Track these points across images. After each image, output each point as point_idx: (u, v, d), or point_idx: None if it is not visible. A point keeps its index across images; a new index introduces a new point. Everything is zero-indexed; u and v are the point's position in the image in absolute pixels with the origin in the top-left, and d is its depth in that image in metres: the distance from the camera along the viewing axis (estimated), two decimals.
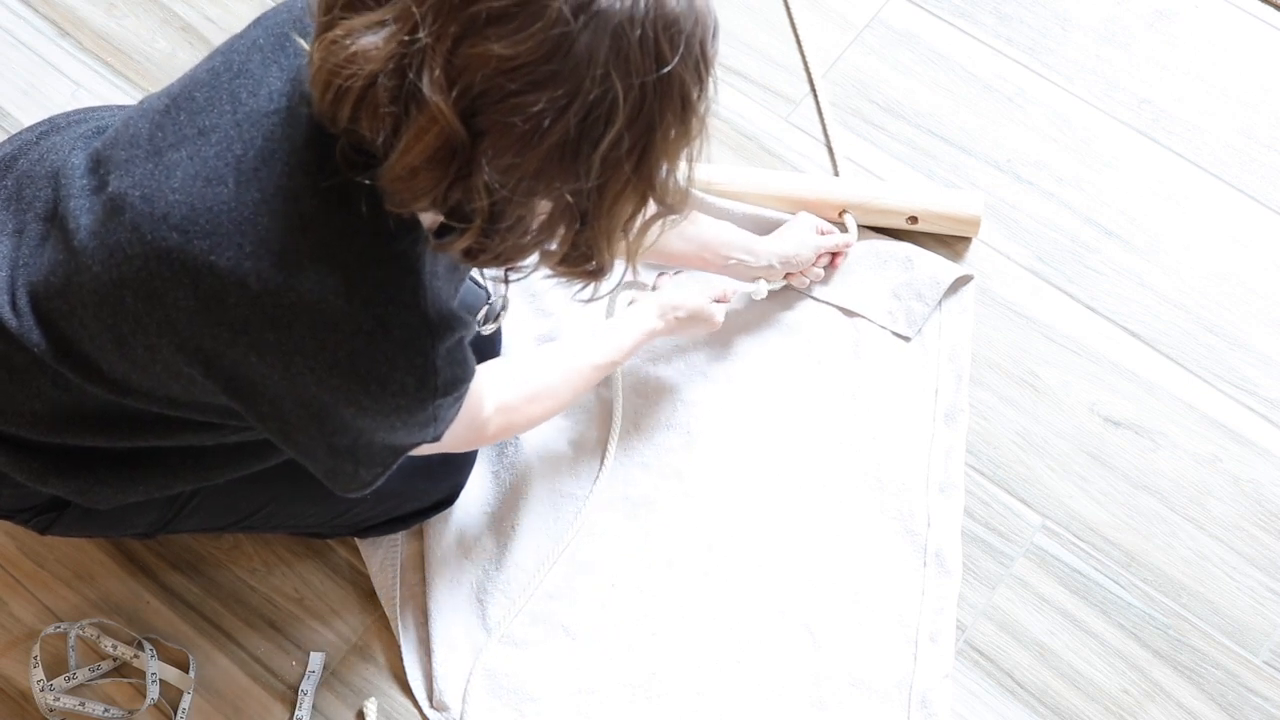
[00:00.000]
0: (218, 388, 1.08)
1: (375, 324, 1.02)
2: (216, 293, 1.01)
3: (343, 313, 1.01)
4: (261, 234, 1.00)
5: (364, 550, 1.57)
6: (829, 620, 1.54)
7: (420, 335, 1.04)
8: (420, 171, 0.92)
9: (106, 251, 1.05)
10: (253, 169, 1.01)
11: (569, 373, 1.43)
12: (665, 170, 0.97)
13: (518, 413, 1.37)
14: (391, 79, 0.91)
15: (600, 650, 1.53)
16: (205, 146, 1.03)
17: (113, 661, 1.53)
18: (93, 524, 1.36)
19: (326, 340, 1.02)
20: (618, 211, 0.97)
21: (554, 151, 0.91)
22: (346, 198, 0.99)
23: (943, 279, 1.69)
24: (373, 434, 1.10)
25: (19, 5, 1.92)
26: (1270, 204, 1.78)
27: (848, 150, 1.81)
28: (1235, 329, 1.70)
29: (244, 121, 1.03)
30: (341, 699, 1.53)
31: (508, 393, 1.35)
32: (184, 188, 1.02)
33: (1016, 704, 1.53)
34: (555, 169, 0.92)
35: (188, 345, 1.06)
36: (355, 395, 1.05)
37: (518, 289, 1.68)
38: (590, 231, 0.98)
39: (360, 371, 1.03)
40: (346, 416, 1.07)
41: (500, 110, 0.89)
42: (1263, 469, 1.63)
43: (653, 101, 0.91)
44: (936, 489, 1.60)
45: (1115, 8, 1.90)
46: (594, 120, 0.90)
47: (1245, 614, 1.56)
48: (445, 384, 1.08)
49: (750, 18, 1.90)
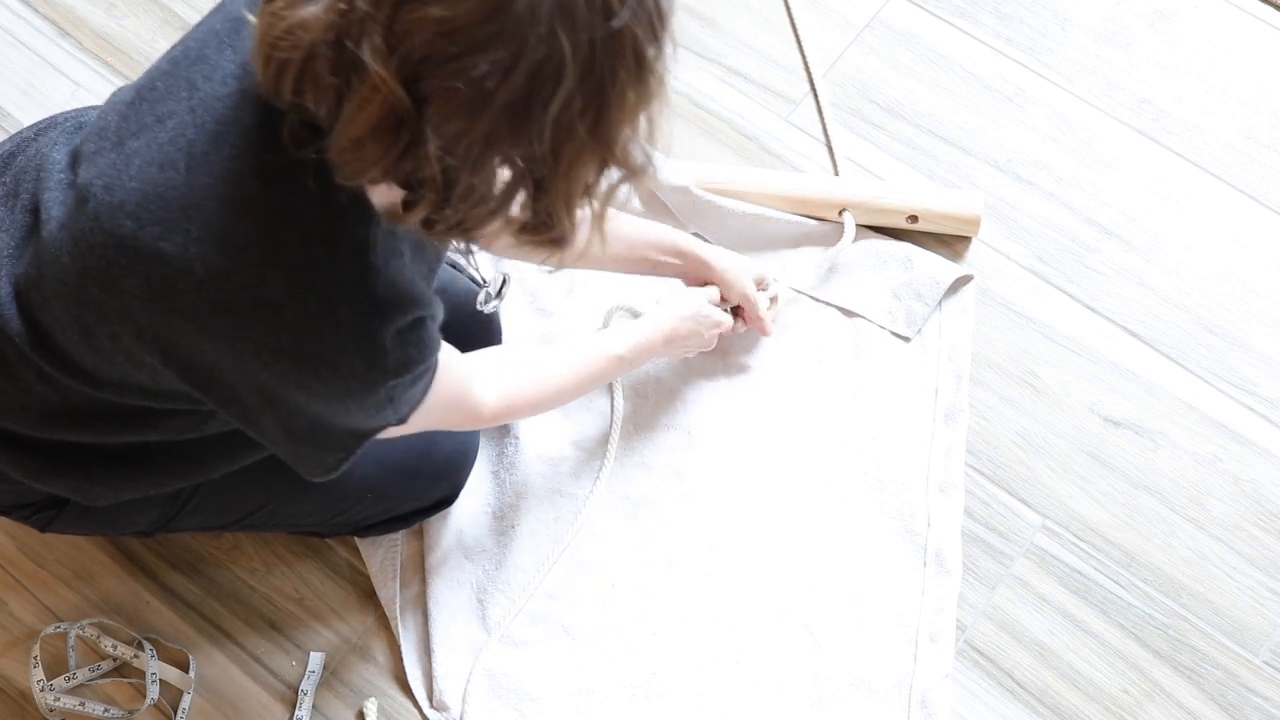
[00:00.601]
0: (176, 376, 1.07)
1: (320, 306, 1.00)
2: (167, 279, 1.00)
3: (287, 296, 1.00)
4: (208, 218, 0.99)
5: (364, 550, 1.57)
6: (829, 620, 1.54)
7: (367, 316, 1.02)
8: (366, 142, 0.90)
9: (72, 242, 1.05)
10: (203, 153, 1.00)
11: (579, 366, 1.42)
12: (624, 133, 0.93)
13: (519, 398, 1.36)
14: (331, 49, 0.89)
15: (600, 650, 1.53)
16: (161, 133, 1.02)
17: (113, 661, 1.53)
18: (93, 521, 1.36)
19: (272, 324, 1.01)
20: (576, 176, 0.94)
21: (502, 115, 0.88)
22: (294, 177, 0.97)
23: (943, 279, 1.69)
24: (329, 418, 1.09)
25: (19, 5, 1.92)
26: (1270, 204, 1.78)
27: (848, 150, 1.81)
28: (1235, 329, 1.70)
29: (198, 106, 1.02)
30: (341, 699, 1.53)
31: (512, 378, 1.35)
32: (140, 175, 1.01)
33: (1016, 704, 1.53)
34: (505, 133, 0.89)
35: (145, 334, 1.05)
36: (304, 379, 1.03)
37: (517, 289, 1.68)
38: (549, 198, 0.95)
39: (307, 355, 1.02)
40: (299, 400, 1.06)
41: (443, 75, 0.86)
42: (1263, 469, 1.63)
43: (603, 59, 0.88)
44: (936, 489, 1.60)
45: (1115, 8, 1.90)
46: (542, 81, 0.87)
47: (1245, 614, 1.56)
48: (397, 365, 1.06)
49: (750, 18, 1.90)
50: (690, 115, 1.83)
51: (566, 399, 1.43)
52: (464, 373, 1.26)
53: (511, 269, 1.69)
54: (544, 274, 1.70)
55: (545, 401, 1.40)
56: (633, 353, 1.47)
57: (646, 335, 1.48)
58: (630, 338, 1.47)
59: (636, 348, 1.47)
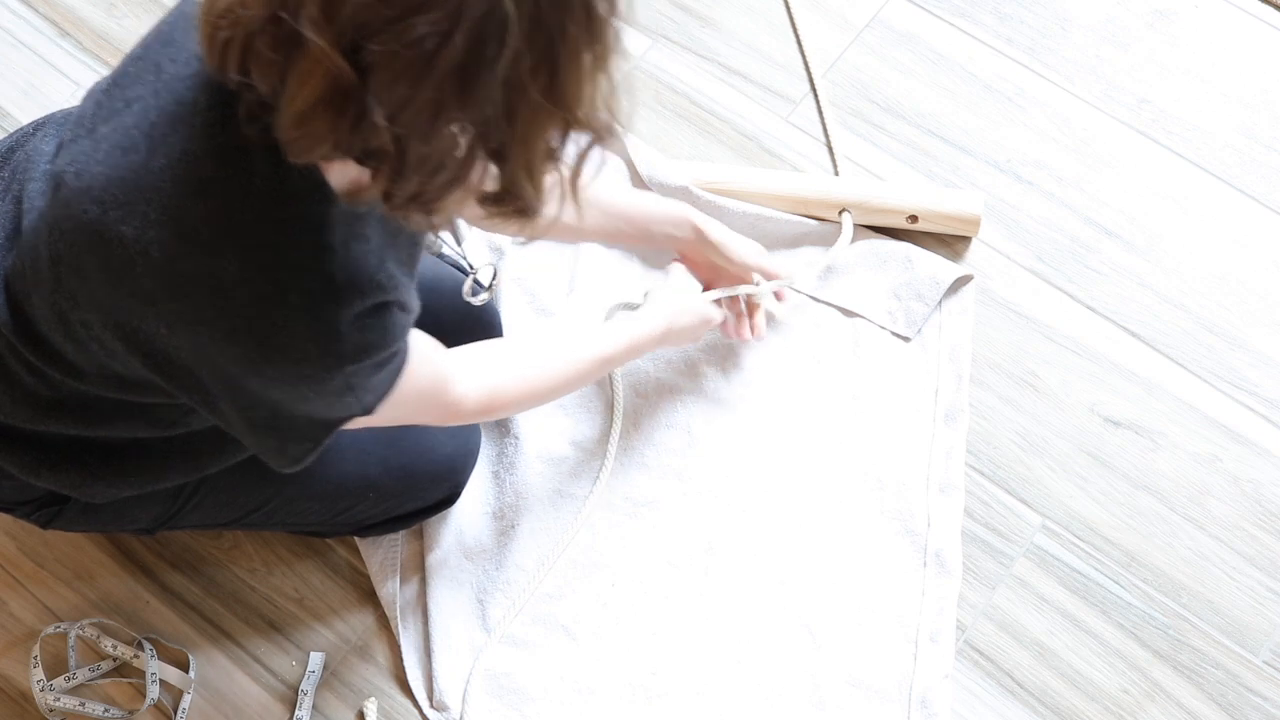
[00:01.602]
0: (139, 362, 1.06)
1: (272, 288, 0.99)
2: (126, 263, 0.99)
3: (239, 278, 0.98)
4: (164, 200, 0.98)
5: (364, 550, 1.57)
6: (829, 620, 1.54)
7: (321, 299, 1.00)
8: (313, 118, 0.88)
9: (47, 230, 1.05)
10: (162, 135, 0.99)
11: (569, 362, 1.38)
12: (583, 93, 0.90)
13: (503, 395, 1.32)
14: (271, 24, 0.87)
15: (600, 650, 1.53)
16: (128, 116, 1.01)
17: (113, 661, 1.53)
18: (95, 519, 1.36)
19: (224, 307, 0.99)
20: (535, 142, 0.91)
21: (448, 79, 0.85)
22: (247, 158, 0.96)
23: (943, 279, 1.69)
24: (288, 406, 1.07)
25: (19, 5, 1.92)
26: (1270, 204, 1.78)
27: (848, 150, 1.81)
28: (1235, 329, 1.70)
29: (161, 89, 1.01)
30: (341, 699, 1.53)
31: (496, 374, 1.31)
32: (106, 159, 1.01)
33: (1016, 704, 1.53)
34: (453, 98, 0.86)
35: (110, 320, 1.04)
36: (258, 365, 1.01)
37: (516, 288, 1.68)
38: (510, 165, 0.93)
39: (259, 339, 1.00)
40: (255, 386, 1.04)
41: (383, 41, 0.84)
42: (1263, 469, 1.63)
43: (550, 14, 0.84)
44: (936, 489, 1.60)
45: (1115, 8, 1.90)
46: (485, 40, 0.84)
47: (1245, 614, 1.56)
48: (354, 351, 1.03)
49: (750, 18, 1.90)
50: (690, 115, 1.83)
51: (554, 397, 1.40)
52: (442, 366, 1.22)
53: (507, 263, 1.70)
54: (544, 274, 1.70)
55: (532, 399, 1.37)
56: (624, 352, 1.44)
57: (638, 333, 1.45)
58: (623, 336, 1.43)
59: (628, 347, 1.44)
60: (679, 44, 1.88)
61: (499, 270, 1.38)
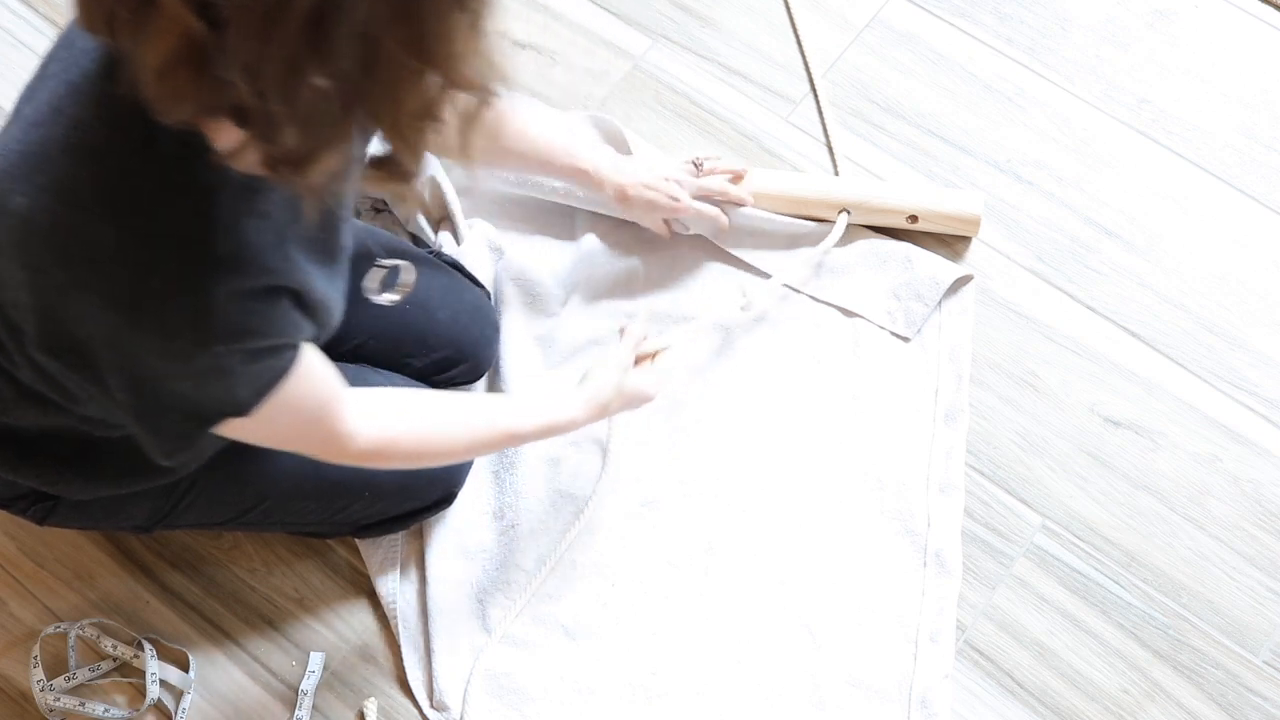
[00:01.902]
0: (44, 340, 1.03)
1: (149, 256, 0.97)
2: (21, 232, 0.98)
3: (117, 245, 0.97)
4: (55, 170, 0.97)
5: (364, 550, 1.57)
6: (829, 620, 1.54)
7: (197, 271, 0.97)
8: (170, 75, 0.86)
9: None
10: (61, 106, 0.99)
11: (472, 429, 1.31)
12: (450, 47, 0.86)
13: (396, 445, 1.26)
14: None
15: (600, 650, 1.53)
16: (42, 93, 1.01)
17: (113, 661, 1.53)
18: (89, 515, 1.36)
19: (105, 274, 0.97)
20: (402, 98, 0.88)
21: (300, 32, 0.82)
22: (137, 125, 0.94)
23: (942, 279, 1.69)
24: (165, 388, 1.04)
25: (19, 5, 1.92)
26: (1270, 204, 1.78)
27: (848, 150, 1.81)
28: (1235, 329, 1.70)
29: (70, 63, 1.01)
30: (341, 699, 1.53)
31: (393, 422, 1.25)
32: (21, 136, 1.00)
33: (1016, 704, 1.53)
34: (307, 52, 0.83)
35: (18, 297, 1.02)
36: (134, 336, 0.99)
37: (516, 288, 1.68)
38: (383, 126, 0.90)
39: (134, 306, 0.97)
40: (133, 363, 1.02)
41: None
42: (1263, 469, 1.63)
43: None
44: (936, 489, 1.60)
45: (1115, 8, 1.90)
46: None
47: (1245, 614, 1.56)
48: (226, 330, 0.99)
49: (750, 18, 1.90)
50: (690, 115, 1.83)
51: (451, 460, 1.35)
52: (337, 393, 1.17)
53: (507, 263, 1.69)
54: (544, 274, 1.70)
55: (425, 458, 1.31)
56: (536, 432, 1.36)
57: (558, 419, 1.37)
58: (539, 417, 1.36)
59: (542, 428, 1.36)
60: (679, 44, 1.88)
61: (400, 269, 1.30)
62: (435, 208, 1.72)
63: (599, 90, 1.85)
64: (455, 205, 1.71)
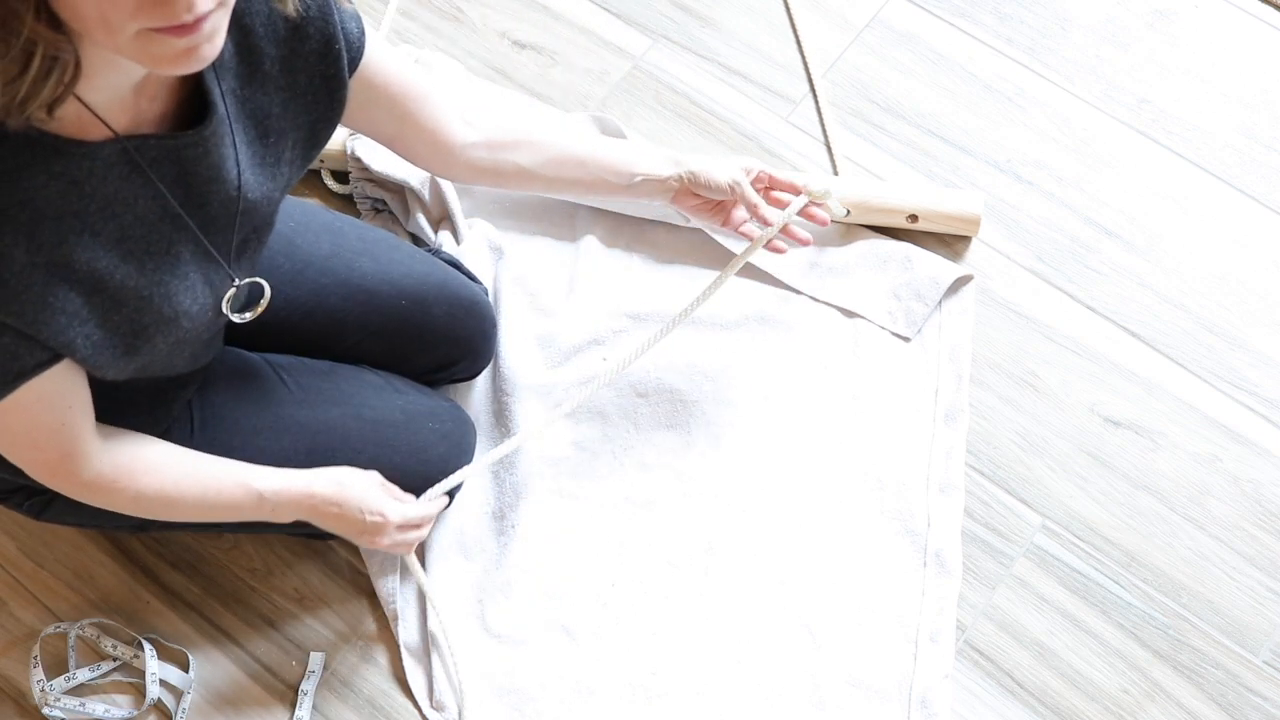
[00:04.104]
0: None
1: None
2: None
3: None
4: None
5: (364, 550, 1.57)
6: (829, 620, 1.54)
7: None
8: None
9: None
10: None
11: (212, 483, 1.28)
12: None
13: (129, 487, 1.23)
14: None
15: (600, 650, 1.53)
16: None
17: (113, 661, 1.53)
18: (84, 511, 1.35)
19: None
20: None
21: None
22: None
23: (942, 279, 1.69)
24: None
25: None
26: (1270, 204, 1.78)
27: (848, 150, 1.81)
28: (1235, 329, 1.70)
29: None
30: (341, 699, 1.53)
31: (133, 463, 1.22)
32: None
33: (1016, 704, 1.53)
34: None
35: None
36: None
37: (517, 288, 1.68)
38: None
39: None
40: None
41: None
42: (1263, 469, 1.63)
43: None
44: (936, 489, 1.60)
45: (1115, 8, 1.90)
46: None
47: (1245, 614, 1.56)
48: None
49: (750, 18, 1.90)
50: (690, 115, 1.83)
51: (186, 514, 1.29)
52: (79, 418, 1.14)
53: (507, 263, 1.69)
54: (544, 274, 1.70)
55: (157, 505, 1.26)
56: (274, 497, 1.31)
57: (295, 488, 1.32)
58: (279, 481, 1.32)
59: (279, 494, 1.31)
60: (679, 44, 1.89)
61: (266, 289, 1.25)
62: (435, 207, 1.72)
63: (599, 90, 1.85)
64: (455, 205, 1.71)
